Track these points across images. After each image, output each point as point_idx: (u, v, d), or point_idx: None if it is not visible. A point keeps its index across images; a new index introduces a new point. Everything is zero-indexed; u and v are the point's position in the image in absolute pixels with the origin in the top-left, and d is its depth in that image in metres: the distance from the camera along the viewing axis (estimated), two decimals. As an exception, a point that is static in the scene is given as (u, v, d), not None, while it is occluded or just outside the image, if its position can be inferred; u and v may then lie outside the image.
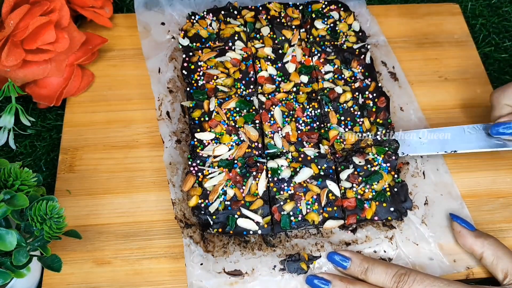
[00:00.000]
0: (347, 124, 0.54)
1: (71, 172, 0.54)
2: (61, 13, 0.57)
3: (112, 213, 0.52)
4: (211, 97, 0.56)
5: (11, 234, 0.40)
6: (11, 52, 0.53)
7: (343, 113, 0.54)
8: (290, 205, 0.49)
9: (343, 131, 0.53)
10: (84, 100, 0.60)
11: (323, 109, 0.55)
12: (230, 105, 0.55)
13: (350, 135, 0.52)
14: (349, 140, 0.52)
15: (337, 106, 0.55)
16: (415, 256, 0.50)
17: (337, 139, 0.52)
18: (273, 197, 0.50)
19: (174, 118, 0.57)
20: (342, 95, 0.55)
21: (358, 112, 0.55)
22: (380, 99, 0.55)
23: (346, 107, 0.55)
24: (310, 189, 0.50)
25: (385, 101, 0.55)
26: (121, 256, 0.49)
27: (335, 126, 0.53)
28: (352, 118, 0.54)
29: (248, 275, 0.48)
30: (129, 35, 0.66)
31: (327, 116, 0.54)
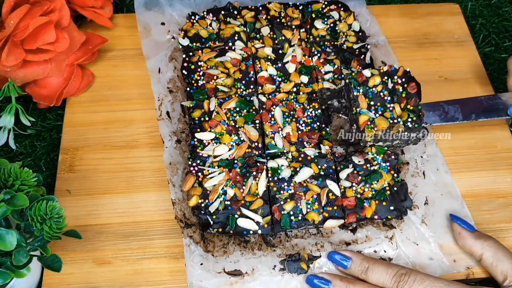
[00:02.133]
0: (377, 110, 0.51)
1: (71, 172, 0.54)
2: (61, 13, 0.57)
3: (112, 213, 0.52)
4: (211, 97, 0.56)
5: (11, 234, 0.40)
6: (11, 52, 0.54)
7: (372, 97, 0.52)
8: (290, 205, 0.49)
9: (373, 116, 0.51)
10: (84, 100, 0.60)
11: (352, 92, 0.52)
12: (230, 105, 0.55)
13: (381, 120, 0.50)
14: (381, 125, 0.50)
15: (366, 90, 0.52)
16: (415, 256, 0.50)
17: (368, 124, 0.51)
18: (273, 197, 0.50)
19: (174, 118, 0.58)
20: (371, 78, 0.53)
21: (388, 98, 0.52)
22: (410, 84, 0.52)
23: (376, 92, 0.52)
24: (310, 188, 0.50)
25: (415, 86, 0.52)
26: (121, 256, 0.49)
27: (365, 111, 0.51)
28: (382, 103, 0.52)
29: (248, 275, 0.48)
30: (129, 35, 0.66)
31: (356, 100, 0.52)
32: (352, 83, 0.53)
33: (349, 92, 0.53)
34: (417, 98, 0.52)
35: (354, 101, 0.52)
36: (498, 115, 0.54)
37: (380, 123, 0.50)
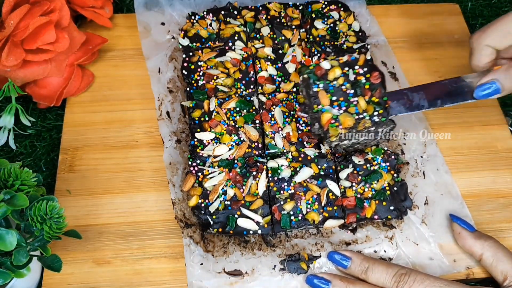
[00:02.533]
0: (341, 105, 0.47)
1: (71, 172, 0.54)
2: (61, 13, 0.57)
3: (112, 213, 0.52)
4: (211, 97, 0.56)
5: (11, 234, 0.40)
6: (11, 52, 0.54)
7: (334, 92, 0.47)
8: (290, 205, 0.49)
9: (337, 113, 0.46)
10: (84, 100, 0.60)
11: (311, 89, 0.47)
12: (230, 105, 0.55)
13: (346, 117, 0.46)
14: (346, 123, 0.46)
15: (327, 85, 0.48)
16: (415, 256, 0.50)
17: (332, 123, 0.46)
18: (273, 197, 0.50)
19: (174, 118, 0.57)
20: (330, 71, 0.48)
21: (351, 91, 0.47)
22: (373, 74, 0.48)
23: (337, 85, 0.47)
24: (310, 188, 0.50)
25: (378, 76, 0.48)
26: (121, 256, 0.49)
27: (327, 108, 0.47)
28: (345, 97, 0.47)
29: (248, 275, 0.48)
30: (129, 35, 0.66)
31: (317, 97, 0.47)
32: (310, 77, 0.48)
33: (308, 88, 0.48)
34: (382, 89, 0.48)
35: (315, 98, 0.47)
36: (464, 99, 0.50)
37: (345, 121, 0.46)
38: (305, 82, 0.49)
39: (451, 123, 0.59)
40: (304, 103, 0.50)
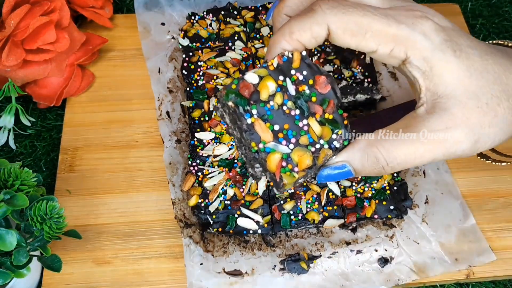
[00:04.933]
0: (288, 136, 0.33)
1: (71, 172, 0.54)
2: (61, 13, 0.57)
3: (112, 213, 0.52)
4: (211, 97, 0.56)
5: (11, 234, 0.40)
6: (11, 52, 0.54)
7: (274, 118, 0.33)
8: (290, 204, 0.49)
9: (287, 150, 0.33)
10: (84, 100, 0.60)
11: (242, 121, 0.33)
12: (230, 105, 0.54)
13: (300, 154, 0.33)
14: (303, 163, 0.33)
15: (262, 109, 0.33)
16: (416, 254, 0.50)
17: (283, 167, 0.33)
18: (273, 196, 0.50)
19: (174, 118, 0.58)
20: (261, 86, 0.33)
21: (295, 111, 0.33)
22: (318, 79, 0.34)
23: (276, 107, 0.33)
24: (310, 188, 0.50)
25: (326, 81, 0.34)
26: (121, 256, 0.49)
27: (272, 145, 0.33)
28: (291, 123, 0.33)
29: (248, 275, 0.48)
30: (129, 36, 0.66)
31: (253, 131, 0.33)
32: (237, 103, 0.32)
33: (237, 120, 0.33)
34: (335, 98, 0.35)
35: (250, 133, 0.32)
36: None
37: (301, 160, 0.33)
38: (229, 111, 0.33)
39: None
40: (233, 135, 0.36)
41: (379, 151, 0.33)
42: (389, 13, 0.33)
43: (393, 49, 0.33)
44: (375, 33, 0.32)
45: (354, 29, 0.32)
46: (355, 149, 0.34)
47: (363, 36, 0.32)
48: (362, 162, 0.34)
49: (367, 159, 0.34)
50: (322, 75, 0.34)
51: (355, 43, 0.33)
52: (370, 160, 0.34)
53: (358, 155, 0.34)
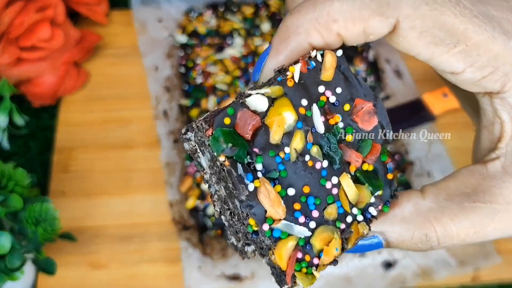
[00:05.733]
0: (308, 208, 0.21)
1: (66, 172, 0.54)
2: (56, 9, 0.57)
3: (108, 215, 0.52)
4: (209, 95, 0.56)
5: (5, 237, 0.40)
6: (5, 50, 0.54)
7: (289, 176, 0.21)
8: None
9: (307, 233, 0.21)
10: (80, 99, 0.60)
11: (239, 183, 0.21)
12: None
13: (325, 237, 0.22)
14: (329, 254, 0.22)
15: (274, 163, 0.21)
16: (421, 257, 0.49)
17: (299, 261, 0.22)
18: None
19: (171, 117, 0.57)
20: (270, 118, 0.21)
21: (322, 163, 0.22)
22: (358, 106, 0.23)
23: (293, 158, 0.21)
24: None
25: (373, 111, 0.23)
26: (117, 259, 0.49)
27: (282, 225, 0.21)
28: (314, 183, 0.22)
29: (247, 279, 0.48)
30: (125, 33, 0.65)
31: (255, 203, 0.21)
32: (236, 158, 0.20)
33: (232, 184, 0.21)
34: (381, 139, 0.23)
35: (249, 205, 0.21)
36: None
37: (328, 250, 0.22)
38: (212, 157, 0.21)
39: (457, 123, 0.59)
40: (211, 186, 0.23)
41: (433, 228, 0.23)
42: (491, 13, 0.22)
43: (489, 76, 0.22)
44: (471, 47, 0.21)
45: (439, 35, 0.21)
46: (396, 218, 0.24)
47: (449, 49, 0.21)
48: (402, 238, 0.24)
49: (412, 236, 0.23)
50: (366, 100, 0.22)
51: (431, 54, 0.21)
52: (416, 238, 0.24)
53: (398, 228, 0.24)
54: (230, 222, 0.23)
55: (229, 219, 0.23)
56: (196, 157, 0.23)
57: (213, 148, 0.20)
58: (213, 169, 0.22)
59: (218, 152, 0.20)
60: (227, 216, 0.23)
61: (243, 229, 0.22)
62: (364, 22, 0.21)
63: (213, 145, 0.20)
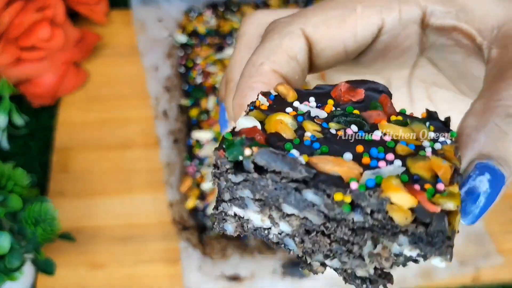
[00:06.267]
0: (374, 156, 0.18)
1: (65, 172, 0.55)
2: (56, 9, 0.57)
3: (107, 215, 0.52)
4: (209, 95, 0.56)
5: (4, 237, 0.40)
6: (5, 50, 0.54)
7: (331, 147, 0.19)
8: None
9: (399, 169, 0.18)
10: (79, 99, 0.61)
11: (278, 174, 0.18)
12: (228, 104, 0.55)
13: (422, 163, 0.18)
14: (444, 171, 0.18)
15: (301, 146, 0.19)
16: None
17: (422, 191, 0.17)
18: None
19: (171, 117, 0.58)
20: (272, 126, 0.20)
21: (351, 129, 0.20)
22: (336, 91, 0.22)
23: (318, 135, 0.19)
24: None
25: (351, 86, 0.22)
26: (116, 260, 0.49)
27: (367, 174, 0.18)
28: (360, 143, 0.19)
29: (247, 279, 0.48)
30: (125, 32, 0.66)
31: (318, 177, 0.17)
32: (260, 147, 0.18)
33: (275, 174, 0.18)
34: (385, 92, 0.22)
35: (316, 183, 0.18)
36: None
37: (436, 164, 0.18)
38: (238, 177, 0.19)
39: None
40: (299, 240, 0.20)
41: None
42: None
43: (401, 8, 0.22)
44: (367, 1, 0.22)
45: (339, 13, 0.22)
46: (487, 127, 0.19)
47: (355, 16, 0.22)
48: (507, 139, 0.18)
49: None
50: (339, 85, 0.22)
51: (351, 31, 0.22)
52: None
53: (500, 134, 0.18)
54: (321, 241, 0.19)
55: (319, 239, 0.19)
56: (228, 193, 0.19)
57: (230, 151, 0.18)
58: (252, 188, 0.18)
59: (236, 154, 0.18)
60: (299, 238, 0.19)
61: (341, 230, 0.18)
62: (281, 47, 0.22)
63: (229, 153, 0.18)
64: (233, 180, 0.19)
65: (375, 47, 0.23)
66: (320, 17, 0.22)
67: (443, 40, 0.23)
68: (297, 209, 0.18)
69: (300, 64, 0.22)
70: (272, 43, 0.22)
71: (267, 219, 0.19)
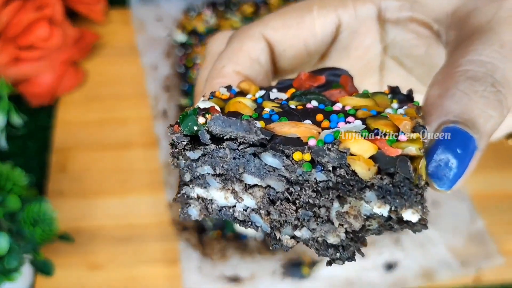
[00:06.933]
0: (333, 120, 0.19)
1: (63, 172, 0.55)
2: (54, 8, 0.58)
3: (106, 216, 0.52)
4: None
5: (2, 237, 0.40)
6: (3, 49, 0.54)
7: (290, 117, 0.19)
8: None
9: (359, 126, 0.18)
10: (78, 99, 0.61)
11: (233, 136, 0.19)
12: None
13: (380, 119, 0.18)
14: (402, 121, 0.18)
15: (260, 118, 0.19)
16: (422, 258, 0.50)
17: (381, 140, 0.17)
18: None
19: (170, 117, 0.58)
20: (233, 106, 0.20)
21: (310, 104, 0.21)
22: (298, 79, 0.22)
23: (277, 110, 0.20)
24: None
25: (313, 74, 0.22)
26: (115, 260, 0.50)
27: (325, 132, 0.18)
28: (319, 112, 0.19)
29: (247, 280, 0.48)
30: (124, 32, 0.66)
31: (275, 139, 0.18)
32: None
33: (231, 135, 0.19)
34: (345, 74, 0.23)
35: (279, 143, 0.18)
36: None
37: (395, 117, 0.19)
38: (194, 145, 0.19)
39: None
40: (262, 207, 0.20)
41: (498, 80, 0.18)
42: None
43: (355, 5, 0.23)
44: (323, 2, 0.23)
45: (297, 15, 0.23)
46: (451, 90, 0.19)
47: (312, 16, 0.23)
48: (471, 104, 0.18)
49: (486, 102, 0.18)
50: (300, 75, 0.22)
51: (310, 30, 0.23)
52: (492, 104, 0.18)
53: (463, 97, 0.18)
54: (287, 209, 0.19)
55: (285, 208, 0.19)
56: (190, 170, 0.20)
57: (184, 122, 0.18)
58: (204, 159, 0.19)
59: (194, 120, 0.18)
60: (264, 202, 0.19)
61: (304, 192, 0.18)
62: (243, 50, 0.23)
63: (184, 121, 0.18)
64: (192, 157, 0.19)
65: (337, 45, 0.24)
66: (278, 20, 0.23)
67: (402, 34, 0.23)
68: (259, 177, 0.18)
69: (263, 66, 0.23)
70: (233, 46, 0.23)
71: (231, 195, 0.19)
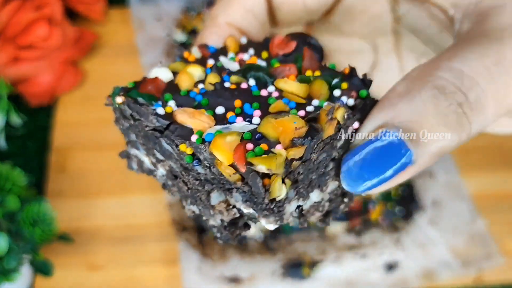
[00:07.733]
0: (245, 112, 0.20)
1: (63, 172, 0.55)
2: (54, 8, 0.58)
3: (105, 216, 0.52)
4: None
5: (2, 238, 0.40)
6: (2, 49, 0.54)
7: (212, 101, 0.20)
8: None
9: (250, 126, 0.19)
10: (77, 99, 0.61)
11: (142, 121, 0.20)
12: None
13: (277, 122, 0.18)
14: (288, 133, 0.18)
15: (186, 97, 0.21)
16: (422, 258, 0.50)
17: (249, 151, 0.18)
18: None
19: (170, 117, 0.58)
20: (180, 78, 0.21)
21: (247, 83, 0.21)
22: (273, 43, 0.22)
23: (210, 88, 0.21)
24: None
25: (288, 38, 0.22)
26: (115, 261, 0.50)
27: (213, 129, 0.19)
28: (246, 97, 0.20)
29: (247, 281, 0.48)
30: (123, 31, 0.66)
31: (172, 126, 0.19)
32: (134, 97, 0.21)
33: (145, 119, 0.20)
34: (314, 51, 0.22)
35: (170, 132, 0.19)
36: None
37: (286, 125, 0.18)
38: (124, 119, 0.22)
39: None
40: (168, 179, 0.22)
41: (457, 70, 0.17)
42: None
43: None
44: None
45: None
46: (396, 92, 0.18)
47: None
48: (419, 112, 0.17)
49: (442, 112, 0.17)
50: (276, 37, 0.22)
51: None
52: (442, 105, 0.17)
53: (407, 102, 0.17)
54: (183, 187, 0.20)
55: (181, 185, 0.20)
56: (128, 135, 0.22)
57: (112, 97, 0.21)
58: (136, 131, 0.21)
59: (115, 94, 0.21)
60: (180, 185, 0.20)
61: (183, 173, 0.20)
62: (239, 2, 0.22)
63: (112, 95, 0.21)
64: (124, 124, 0.22)
65: (340, 7, 0.23)
66: None
67: (415, 11, 0.22)
68: (164, 156, 0.20)
69: (258, 17, 0.22)
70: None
71: (153, 161, 0.21)
